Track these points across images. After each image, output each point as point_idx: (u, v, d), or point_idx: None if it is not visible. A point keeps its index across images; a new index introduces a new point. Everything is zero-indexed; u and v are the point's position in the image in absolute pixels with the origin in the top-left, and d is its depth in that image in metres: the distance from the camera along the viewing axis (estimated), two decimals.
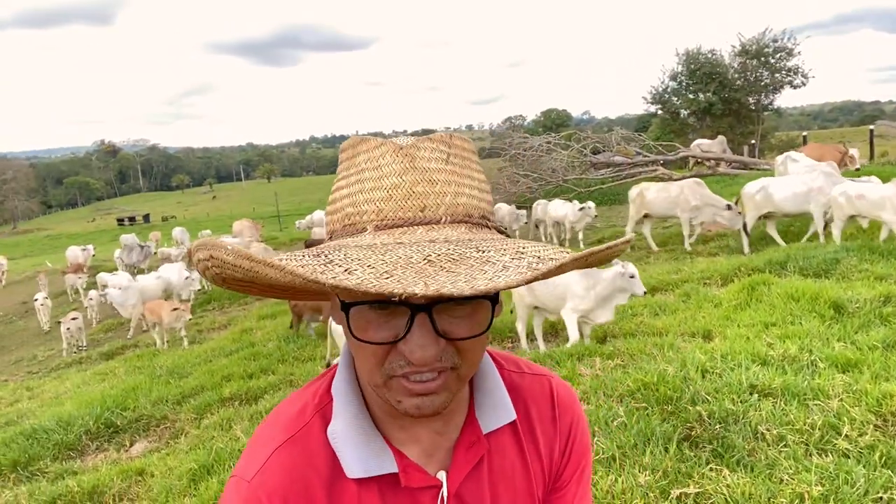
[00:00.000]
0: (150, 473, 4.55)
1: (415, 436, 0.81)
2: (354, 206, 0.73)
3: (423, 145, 0.75)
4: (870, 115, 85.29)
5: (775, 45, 33.05)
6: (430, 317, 0.67)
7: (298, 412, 0.82)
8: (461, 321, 0.69)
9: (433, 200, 0.71)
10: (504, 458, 0.86)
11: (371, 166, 0.74)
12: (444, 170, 0.74)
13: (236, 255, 0.67)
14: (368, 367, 0.72)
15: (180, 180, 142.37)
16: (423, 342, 0.67)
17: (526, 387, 0.91)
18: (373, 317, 0.69)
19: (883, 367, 3.94)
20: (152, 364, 8.55)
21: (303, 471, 0.77)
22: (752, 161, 17.22)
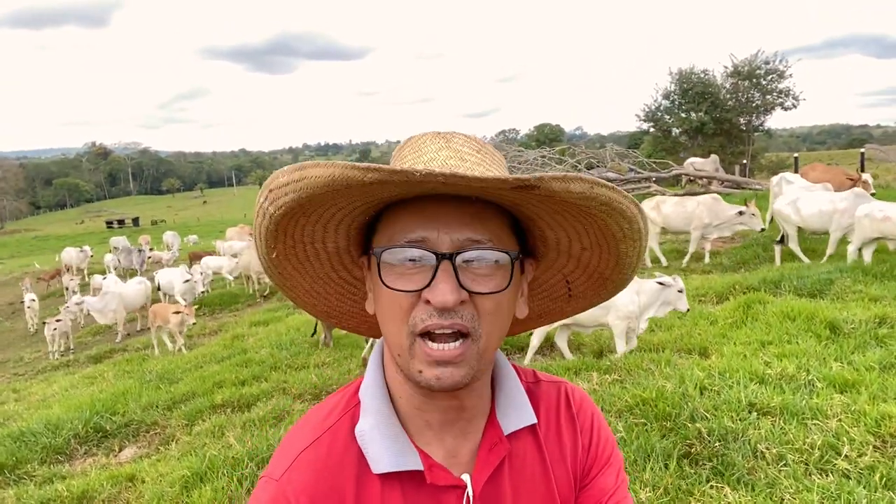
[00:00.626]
0: (140, 479, 4.48)
1: (439, 436, 0.83)
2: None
3: (459, 134, 0.83)
4: (857, 139, 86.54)
5: (767, 66, 33.50)
6: (452, 265, 0.73)
7: (327, 414, 0.85)
8: (482, 279, 0.75)
9: (462, 170, 0.75)
10: (525, 459, 0.88)
11: (412, 150, 0.83)
12: (474, 155, 0.82)
13: (289, 170, 0.73)
14: (396, 325, 0.76)
15: (171, 184, 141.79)
16: (444, 286, 0.72)
17: (543, 393, 0.94)
18: (402, 270, 0.75)
19: (881, 388, 3.95)
20: (142, 369, 8.46)
21: (329, 470, 0.79)
22: (745, 180, 17.38)
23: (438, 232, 0.74)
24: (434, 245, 0.74)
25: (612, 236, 0.81)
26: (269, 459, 3.51)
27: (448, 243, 0.74)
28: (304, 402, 5.83)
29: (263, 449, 4.37)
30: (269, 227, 0.79)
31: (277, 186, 0.74)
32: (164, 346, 10.49)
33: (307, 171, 0.70)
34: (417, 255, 0.75)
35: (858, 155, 19.17)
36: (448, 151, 0.80)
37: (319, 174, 0.69)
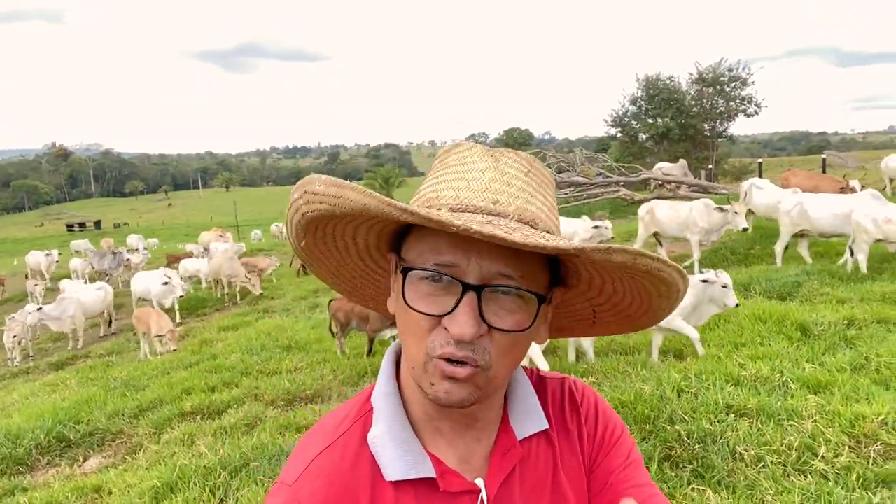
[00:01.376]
0: (107, 491, 4.33)
1: (452, 442, 0.83)
2: (434, 192, 0.78)
3: (509, 154, 0.81)
4: (817, 145, 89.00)
5: (730, 74, 34.24)
6: (478, 297, 0.72)
7: (340, 421, 0.84)
8: (506, 314, 0.74)
9: (506, 198, 0.76)
10: (538, 464, 0.87)
11: (458, 162, 0.80)
12: (521, 178, 0.79)
13: (327, 183, 0.72)
14: (415, 343, 0.76)
15: (134, 187, 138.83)
16: (465, 318, 0.71)
17: (548, 391, 0.94)
18: (427, 290, 0.74)
19: (853, 389, 4.02)
20: (106, 375, 8.22)
21: (342, 476, 0.79)
22: (711, 185, 17.69)
23: (470, 260, 0.72)
24: (462, 273, 0.72)
25: (646, 293, 0.81)
26: (242, 468, 3.41)
27: (477, 273, 0.72)
28: (276, 408, 5.72)
29: (236, 457, 4.26)
30: (301, 222, 0.79)
31: (314, 192, 0.74)
32: (127, 349, 10.24)
33: (345, 191, 0.71)
34: (444, 281, 0.73)
35: (820, 161, 19.70)
36: (494, 173, 0.78)
37: (355, 199, 0.70)
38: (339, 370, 6.56)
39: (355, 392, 5.18)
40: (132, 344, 10.90)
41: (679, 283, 0.78)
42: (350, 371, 6.47)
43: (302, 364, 7.05)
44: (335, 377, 6.39)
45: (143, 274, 13.22)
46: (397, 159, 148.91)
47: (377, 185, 45.43)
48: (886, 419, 3.52)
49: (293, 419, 5.11)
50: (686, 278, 0.79)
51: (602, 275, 0.80)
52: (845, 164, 26.47)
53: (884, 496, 2.85)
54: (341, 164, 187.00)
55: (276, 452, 4.27)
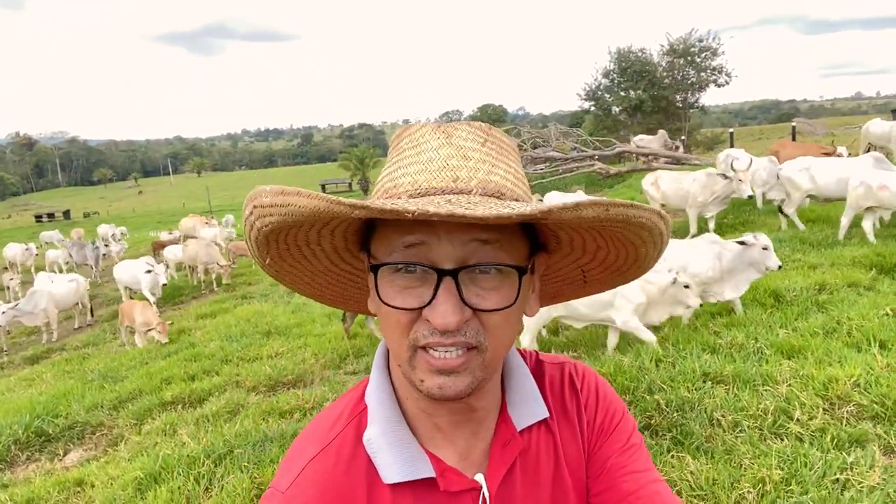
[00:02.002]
0: (89, 484, 4.29)
1: (450, 438, 0.80)
2: (392, 181, 0.74)
3: (461, 126, 0.76)
4: (787, 114, 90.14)
5: (701, 44, 34.40)
6: (455, 282, 0.68)
7: (333, 422, 0.82)
8: (488, 293, 0.70)
9: (465, 173, 0.72)
10: (539, 454, 0.85)
11: (411, 145, 0.76)
12: (479, 150, 0.74)
13: (272, 193, 0.68)
14: (396, 337, 0.72)
15: (103, 174, 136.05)
16: (446, 308, 0.67)
17: (546, 376, 0.91)
18: (402, 283, 0.70)
19: (825, 353, 4.11)
20: (83, 368, 8.11)
21: (338, 481, 0.76)
22: (685, 156, 17.82)
23: (440, 236, 0.68)
24: (435, 253, 0.68)
25: (630, 243, 0.78)
26: (226, 456, 3.38)
27: (450, 250, 0.68)
28: (258, 394, 5.70)
29: (219, 445, 4.24)
30: (259, 238, 0.75)
31: (261, 205, 0.70)
32: (99, 339, 10.10)
33: (290, 198, 0.67)
34: (418, 271, 0.69)
35: (790, 129, 19.95)
36: (450, 149, 0.73)
37: (303, 205, 0.66)
38: (320, 354, 6.55)
39: (337, 375, 5.17)
40: (108, 335, 10.76)
41: (660, 225, 0.75)
42: (332, 354, 6.46)
43: (283, 349, 7.02)
44: (317, 361, 6.38)
45: (126, 263, 12.63)
46: (371, 139, 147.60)
47: (352, 165, 45.10)
48: (858, 381, 3.61)
49: (276, 405, 5.09)
50: (666, 218, 0.76)
51: (581, 233, 0.77)
52: (814, 132, 26.84)
53: (857, 455, 2.93)
54: (315, 146, 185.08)
55: (260, 438, 4.27)
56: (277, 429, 4.48)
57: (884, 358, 3.85)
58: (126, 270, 12.22)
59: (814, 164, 8.40)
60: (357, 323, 7.55)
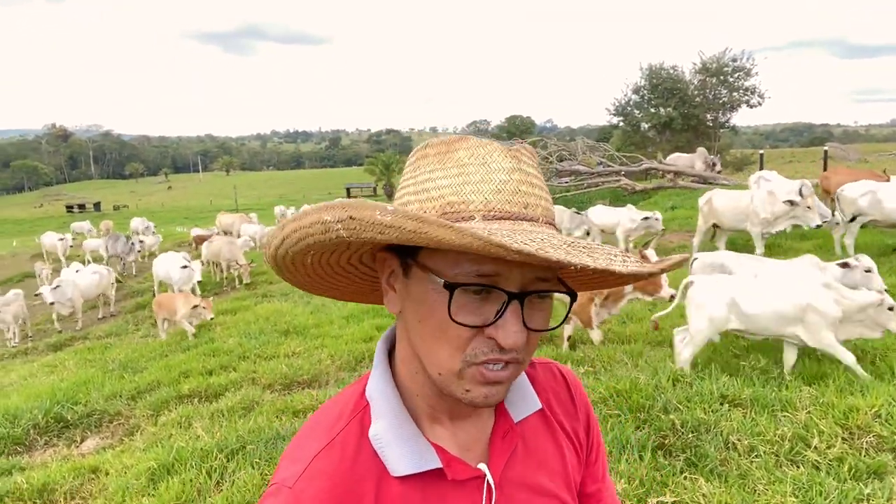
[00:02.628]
0: (104, 471, 4.35)
1: (452, 431, 0.84)
2: (458, 196, 0.74)
3: (524, 151, 0.79)
4: (819, 137, 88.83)
5: (734, 64, 34.06)
6: (521, 305, 0.72)
7: (336, 418, 0.83)
8: (539, 314, 0.76)
9: (534, 200, 0.76)
10: (537, 444, 0.90)
11: (477, 161, 0.76)
12: (538, 175, 0.79)
13: (398, 215, 0.64)
14: (450, 352, 0.74)
15: (134, 169, 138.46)
16: (516, 328, 0.72)
17: (540, 376, 0.96)
18: (467, 300, 0.72)
19: (847, 382, 4.03)
20: (104, 357, 8.24)
21: (344, 475, 0.77)
22: (712, 176, 17.63)
23: (513, 270, 0.71)
24: (502, 282, 0.72)
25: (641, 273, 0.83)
26: (238, 451, 3.41)
27: (518, 280, 0.72)
28: (273, 392, 5.74)
29: (233, 440, 4.28)
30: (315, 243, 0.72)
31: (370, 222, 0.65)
32: (121, 329, 10.24)
33: (431, 228, 0.63)
34: (489, 292, 0.72)
35: (822, 153, 19.65)
36: (520, 175, 0.76)
37: (447, 238, 0.63)
38: (336, 355, 6.58)
39: (353, 377, 5.20)
40: (131, 326, 10.92)
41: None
42: (348, 356, 6.48)
43: (300, 349, 7.07)
44: (333, 362, 6.41)
45: (164, 257, 12.40)
46: (398, 145, 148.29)
47: (378, 170, 45.31)
48: (880, 411, 3.54)
49: (290, 403, 5.13)
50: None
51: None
52: (847, 157, 26.40)
53: (875, 487, 2.87)
54: (342, 150, 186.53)
55: (273, 436, 4.30)
56: (290, 427, 4.51)
57: None
58: (162, 265, 12.00)
59: (880, 188, 7.93)
60: (374, 327, 7.58)
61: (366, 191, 53.50)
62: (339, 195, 47.11)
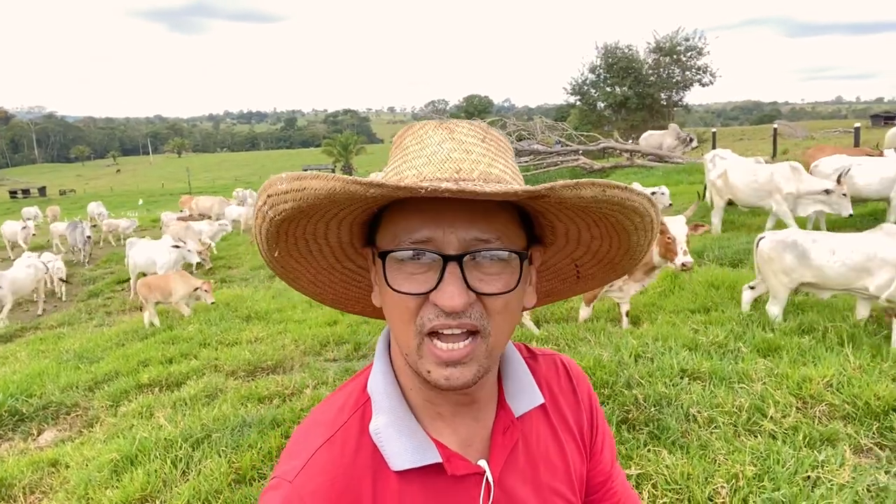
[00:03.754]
0: (64, 464, 4.25)
1: (452, 426, 0.83)
2: (397, 174, 0.77)
3: (462, 123, 0.80)
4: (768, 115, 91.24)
5: (687, 43, 34.59)
6: (460, 267, 0.72)
7: (336, 412, 0.84)
8: (490, 278, 0.74)
9: (468, 165, 0.75)
10: (538, 439, 0.89)
11: (415, 141, 0.79)
12: (479, 145, 0.78)
13: (288, 179, 0.70)
14: (402, 325, 0.75)
15: (80, 152, 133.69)
16: (452, 290, 0.71)
17: (542, 368, 0.95)
18: (409, 269, 0.73)
19: (800, 352, 4.19)
20: (58, 348, 8.00)
21: (344, 470, 0.78)
22: (668, 154, 17.96)
23: (444, 231, 0.72)
24: (440, 245, 0.72)
25: (623, 230, 0.82)
26: (204, 440, 3.36)
27: (455, 243, 0.72)
28: (237, 378, 5.67)
29: (197, 429, 4.22)
30: (270, 230, 0.77)
31: (276, 193, 0.72)
32: (75, 318, 9.95)
33: (307, 182, 0.69)
34: (424, 258, 0.73)
35: (772, 130, 20.19)
36: (452, 143, 0.77)
37: (319, 187, 0.68)
38: (300, 340, 6.52)
39: (317, 362, 5.15)
40: (84, 315, 10.61)
41: (651, 212, 0.79)
42: (312, 341, 6.44)
43: (262, 334, 6.98)
44: (297, 347, 6.35)
45: (143, 244, 11.29)
46: (356, 126, 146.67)
47: (336, 151, 44.77)
48: (831, 381, 3.69)
49: (255, 390, 5.07)
50: (656, 206, 0.80)
51: (576, 221, 0.81)
52: (795, 134, 27.23)
53: (828, 454, 3.00)
54: (298, 131, 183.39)
55: (239, 423, 4.25)
56: (256, 414, 4.47)
57: (856, 359, 3.94)
58: (143, 252, 10.89)
59: (851, 163, 7.95)
60: (337, 311, 7.53)
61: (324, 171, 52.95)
62: None
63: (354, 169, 44.64)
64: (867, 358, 3.96)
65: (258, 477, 3.66)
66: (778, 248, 4.80)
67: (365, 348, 6.11)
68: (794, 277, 4.77)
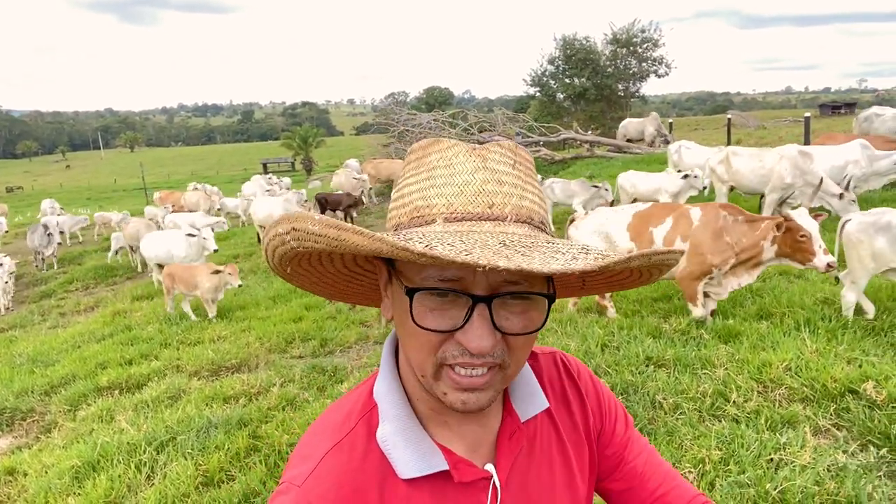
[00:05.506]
0: (22, 472, 4.12)
1: (459, 432, 0.83)
2: (424, 200, 0.76)
3: (494, 149, 0.79)
4: (721, 105, 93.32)
5: (643, 35, 35.12)
6: (489, 308, 0.70)
7: (343, 419, 0.84)
8: (516, 317, 0.73)
9: (501, 199, 0.75)
10: (544, 443, 0.90)
11: (443, 164, 0.77)
12: (510, 173, 0.77)
13: (323, 224, 0.67)
14: (422, 355, 0.74)
15: (27, 147, 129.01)
16: (481, 332, 0.70)
17: (543, 367, 0.96)
18: (433, 305, 0.72)
19: (759, 338, 4.31)
20: (10, 352, 7.72)
21: (352, 475, 0.78)
22: (626, 145, 18.23)
23: (475, 273, 0.70)
24: (469, 285, 0.70)
25: (647, 273, 0.85)
26: (168, 443, 3.30)
27: (484, 284, 0.70)
28: (201, 378, 5.56)
29: (161, 432, 4.13)
30: (287, 253, 0.75)
31: (305, 230, 0.69)
32: (34, 317, 9.63)
33: (348, 235, 0.66)
34: (451, 295, 0.71)
35: (725, 121, 20.65)
36: (485, 173, 0.75)
37: (362, 244, 0.65)
38: (265, 337, 6.43)
39: (283, 359, 5.08)
40: (37, 317, 10.26)
41: (678, 260, 0.81)
42: (277, 338, 6.35)
43: (225, 332, 6.86)
44: (262, 345, 6.26)
45: (157, 234, 10.38)
46: (315, 118, 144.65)
47: (295, 144, 44.03)
48: (790, 365, 3.80)
49: (220, 389, 4.98)
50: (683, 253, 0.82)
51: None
52: (747, 124, 27.87)
53: (790, 436, 3.09)
54: (256, 124, 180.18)
55: (204, 425, 4.18)
56: (222, 414, 4.39)
57: (813, 343, 4.07)
58: (154, 244, 9.88)
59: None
60: (302, 306, 7.44)
61: (283, 165, 52.03)
62: (254, 171, 45.50)
63: (315, 162, 44.01)
64: (823, 342, 4.10)
65: (226, 479, 3.61)
66: (869, 231, 4.42)
67: (331, 344, 6.06)
68: (884, 262, 4.40)
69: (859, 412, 3.27)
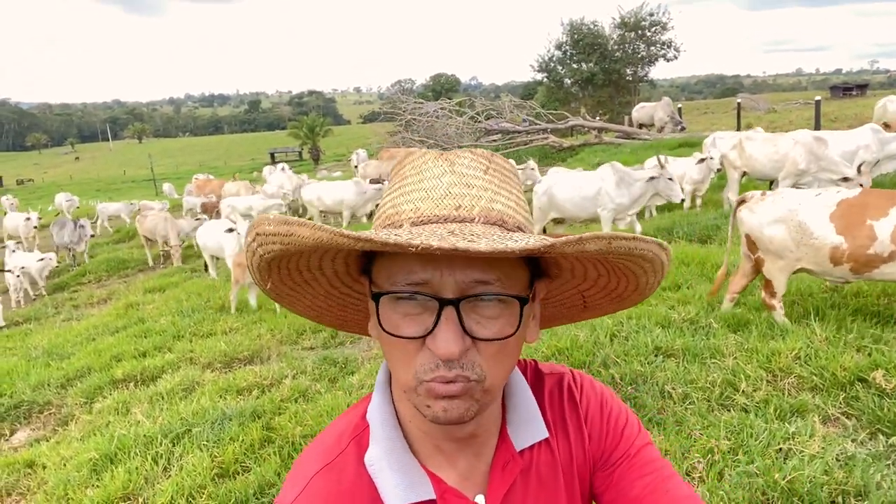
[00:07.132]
0: (41, 465, 4.19)
1: (451, 459, 0.81)
2: (394, 208, 0.76)
3: (464, 154, 0.78)
4: (731, 88, 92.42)
5: (651, 18, 34.83)
6: (457, 311, 0.69)
7: (336, 440, 0.83)
8: (488, 322, 0.71)
9: (468, 201, 0.73)
10: (539, 473, 0.86)
11: (413, 172, 0.77)
12: (481, 177, 0.76)
13: (276, 222, 0.69)
14: (401, 366, 0.74)
15: (36, 139, 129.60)
16: (447, 336, 0.68)
17: (547, 389, 0.91)
18: (401, 310, 0.71)
19: (768, 327, 4.31)
20: (25, 344, 7.83)
21: (341, 497, 0.78)
22: (635, 131, 18.13)
23: (442, 273, 0.69)
24: (437, 288, 0.69)
25: (631, 273, 0.79)
26: (184, 435, 3.36)
27: (452, 286, 0.69)
28: (214, 370, 5.63)
29: (176, 424, 4.19)
30: (262, 265, 0.76)
31: (264, 233, 0.71)
32: (42, 314, 9.75)
33: (295, 228, 0.67)
34: (419, 299, 0.70)
35: (735, 104, 20.48)
36: (452, 177, 0.75)
37: (307, 235, 0.67)
38: (276, 329, 6.49)
39: (295, 351, 5.12)
40: (51, 310, 10.39)
41: (661, 256, 0.77)
42: (288, 330, 6.41)
43: (237, 324, 6.93)
44: (273, 336, 6.32)
45: (211, 225, 10.34)
46: (322, 107, 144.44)
47: (302, 134, 44.03)
48: (799, 353, 3.81)
49: (233, 381, 5.04)
50: (668, 250, 0.77)
51: (583, 262, 0.78)
52: (757, 107, 27.62)
53: (798, 425, 3.11)
54: (263, 113, 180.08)
55: (219, 416, 4.23)
56: (236, 406, 4.45)
57: (822, 331, 4.07)
58: (211, 234, 9.85)
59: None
60: None
61: (291, 155, 51.99)
62: (262, 161, 45.58)
63: (322, 151, 44.00)
64: (833, 330, 4.09)
65: (241, 470, 3.66)
66: None
67: (342, 336, 6.11)
68: None
69: (869, 401, 3.28)
